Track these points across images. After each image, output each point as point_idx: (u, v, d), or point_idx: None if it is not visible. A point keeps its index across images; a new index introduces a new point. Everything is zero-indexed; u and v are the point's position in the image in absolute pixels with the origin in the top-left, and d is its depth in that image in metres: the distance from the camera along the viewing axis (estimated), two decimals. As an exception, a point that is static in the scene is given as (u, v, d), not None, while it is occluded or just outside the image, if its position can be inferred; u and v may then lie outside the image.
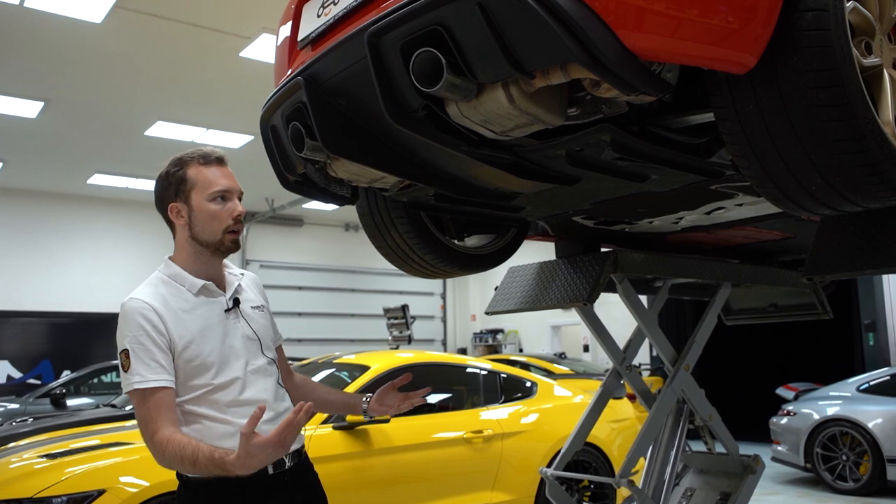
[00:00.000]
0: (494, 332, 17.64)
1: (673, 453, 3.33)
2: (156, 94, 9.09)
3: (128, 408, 6.73)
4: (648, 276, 3.61)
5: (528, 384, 5.75)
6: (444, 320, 18.50)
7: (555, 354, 12.31)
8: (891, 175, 1.53)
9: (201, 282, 1.97)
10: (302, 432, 2.03)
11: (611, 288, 3.10)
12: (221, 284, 2.04)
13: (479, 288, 18.16)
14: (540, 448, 5.16)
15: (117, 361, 1.93)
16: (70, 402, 8.62)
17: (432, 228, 2.68)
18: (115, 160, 11.74)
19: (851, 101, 1.46)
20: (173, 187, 1.98)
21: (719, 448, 3.52)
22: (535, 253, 3.64)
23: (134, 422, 5.61)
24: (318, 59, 1.90)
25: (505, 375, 5.68)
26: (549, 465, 3.37)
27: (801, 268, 3.79)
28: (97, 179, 12.74)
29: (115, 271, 14.13)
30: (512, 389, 5.61)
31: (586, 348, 15.14)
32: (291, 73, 2.05)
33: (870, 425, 6.94)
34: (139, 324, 1.84)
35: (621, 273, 2.97)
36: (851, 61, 1.47)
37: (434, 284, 18.17)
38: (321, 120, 1.92)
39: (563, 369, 9.92)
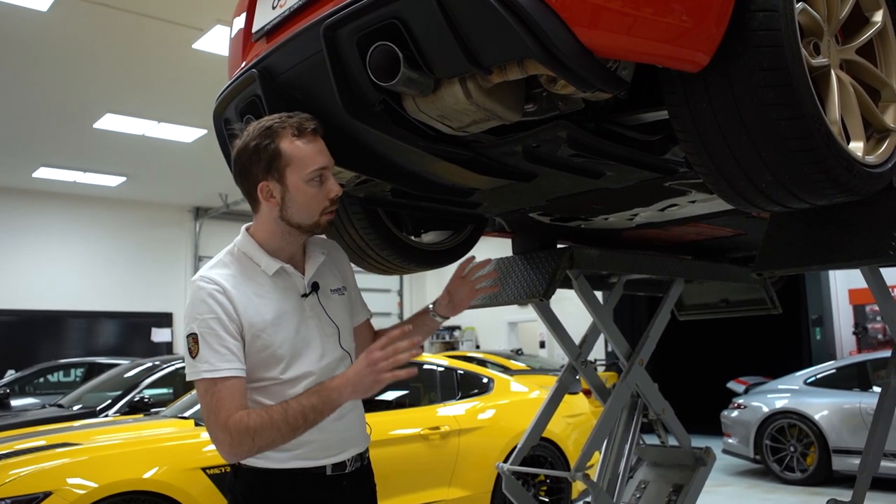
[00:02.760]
0: (451, 328, 17.66)
1: (627, 447, 3.37)
2: (105, 85, 8.86)
3: (75, 407, 6.57)
4: (604, 273, 3.65)
5: (485, 380, 5.77)
6: (400, 317, 18.46)
7: (511, 351, 12.37)
8: (837, 172, 1.57)
9: (278, 264, 1.77)
10: (368, 431, 1.93)
11: (566, 284, 3.12)
12: (301, 264, 1.83)
13: (436, 285, 18.15)
14: (497, 443, 5.18)
15: (66, 360, 1.83)
16: (14, 403, 8.35)
17: (389, 224, 2.67)
18: (62, 153, 11.42)
19: (800, 99, 1.49)
20: (264, 163, 1.71)
21: (672, 441, 3.58)
22: (491, 249, 3.64)
23: (82, 422, 5.48)
24: (273, 52, 1.87)
25: (462, 372, 5.69)
26: (505, 461, 3.39)
27: (751, 264, 3.88)
28: (43, 173, 12.37)
29: (61, 268, 13.79)
30: (469, 386, 5.63)
31: (542, 344, 15.25)
32: (245, 65, 2.02)
33: (816, 417, 7.13)
34: (209, 306, 1.67)
35: (577, 269, 2.99)
36: (800, 61, 1.51)
37: (390, 281, 18.12)
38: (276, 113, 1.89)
39: (520, 365, 9.98)
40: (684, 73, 1.56)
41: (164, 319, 14.99)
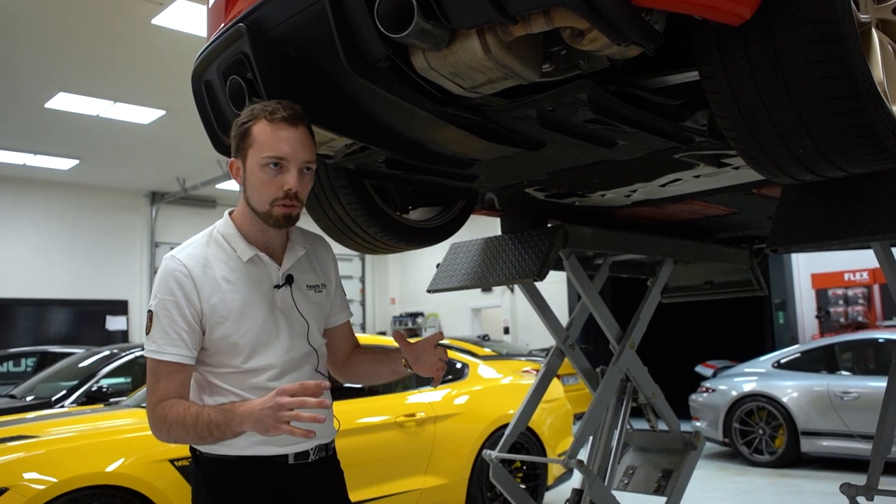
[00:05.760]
0: (414, 315, 17.54)
1: (617, 431, 3.29)
2: (58, 62, 8.48)
3: (28, 398, 6.28)
4: (589, 253, 3.55)
5: (459, 366, 5.65)
6: (363, 304, 18.28)
7: (478, 337, 12.31)
8: (883, 136, 1.47)
9: (252, 252, 1.76)
10: (336, 427, 1.91)
11: (555, 264, 3.00)
12: (278, 255, 1.81)
13: (399, 271, 18.01)
14: (473, 430, 5.07)
15: (16, 349, 1.69)
16: (-37, 394, 8.00)
17: (377, 199, 2.51)
18: (11, 134, 10.95)
19: (850, 56, 1.38)
20: (237, 139, 1.73)
21: (660, 425, 3.50)
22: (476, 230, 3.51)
23: (36, 413, 5.23)
24: (264, 4, 1.70)
25: (436, 357, 5.55)
26: (482, 447, 3.27)
27: (736, 245, 3.82)
28: (-9, 155, 11.89)
29: (10, 254, 13.30)
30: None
31: (507, 330, 15.23)
32: (230, 20, 1.84)
33: (785, 400, 7.19)
34: (170, 288, 1.68)
35: (569, 248, 2.87)
36: (850, 14, 1.40)
37: (353, 268, 17.93)
38: (266, 73, 1.73)
39: (487, 351, 9.90)
40: (721, 27, 1.44)
41: (119, 307, 14.60)
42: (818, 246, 2.03)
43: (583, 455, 3.20)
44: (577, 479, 3.22)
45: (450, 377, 5.49)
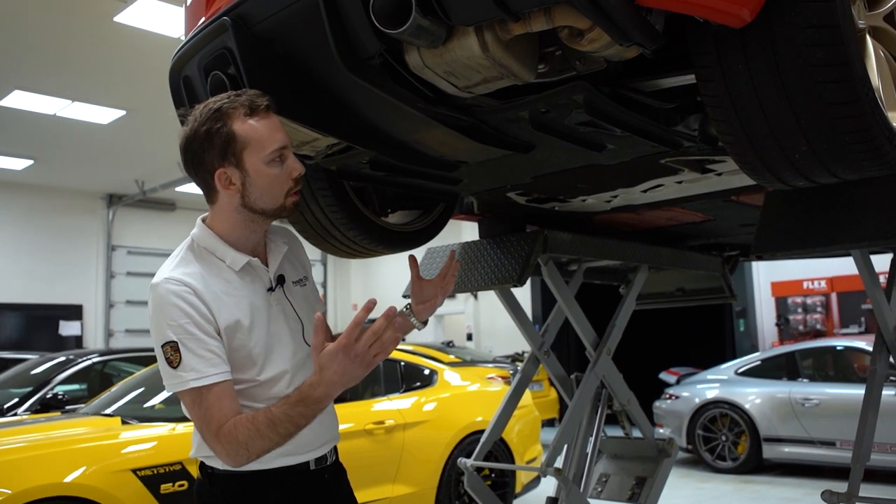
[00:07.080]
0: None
1: (592, 438, 3.27)
2: (14, 59, 8.21)
3: (-22, 406, 6.05)
4: (563, 259, 3.54)
5: (427, 372, 5.61)
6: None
7: (442, 343, 12.25)
8: (880, 142, 1.47)
9: (245, 258, 1.65)
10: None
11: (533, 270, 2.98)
12: (263, 255, 1.72)
13: (361, 276, 17.88)
14: (442, 437, 5.02)
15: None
16: None
17: (357, 202, 2.46)
18: (-38, 133, 10.60)
19: (850, 61, 1.38)
20: (218, 149, 1.57)
21: (635, 433, 3.51)
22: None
23: (-12, 422, 5.03)
24: (250, -3, 1.64)
25: (404, 364, 5.50)
26: (451, 454, 3.22)
27: (708, 252, 3.85)
28: (-59, 154, 11.48)
29: (-39, 257, 12.85)
30: (412, 378, 5.45)
31: (469, 337, 15.19)
32: (212, 14, 1.77)
33: (747, 406, 7.28)
34: (182, 310, 1.53)
35: (548, 254, 2.86)
36: (851, 19, 1.40)
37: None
38: (251, 69, 1.67)
39: (452, 357, 9.84)
40: (719, 30, 1.43)
41: (73, 311, 14.20)
42: (803, 252, 2.04)
43: (556, 463, 3.19)
44: (547, 487, 3.19)
45: (418, 384, 5.44)
